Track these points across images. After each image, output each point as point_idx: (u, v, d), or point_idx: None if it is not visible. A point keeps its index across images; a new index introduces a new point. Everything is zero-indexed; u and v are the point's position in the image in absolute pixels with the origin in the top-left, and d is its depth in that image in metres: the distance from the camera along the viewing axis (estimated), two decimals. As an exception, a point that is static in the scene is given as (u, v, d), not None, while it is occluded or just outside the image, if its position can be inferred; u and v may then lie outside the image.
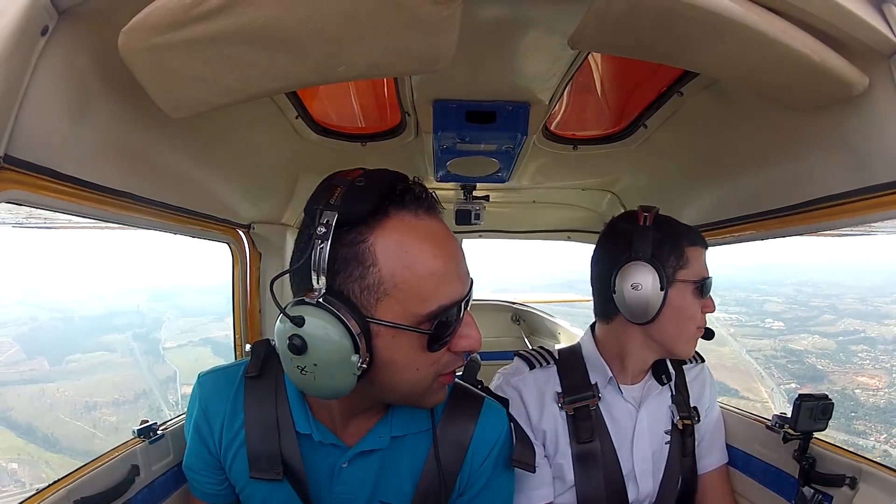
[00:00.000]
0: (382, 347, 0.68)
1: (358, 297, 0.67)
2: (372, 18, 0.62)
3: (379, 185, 0.68)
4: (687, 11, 0.64)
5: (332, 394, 0.70)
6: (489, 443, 0.90)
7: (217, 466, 0.92)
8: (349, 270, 0.67)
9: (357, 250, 0.67)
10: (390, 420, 0.87)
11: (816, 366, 32.55)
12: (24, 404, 30.94)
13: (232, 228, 1.65)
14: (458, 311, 0.71)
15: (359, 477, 0.87)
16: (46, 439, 27.95)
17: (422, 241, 0.69)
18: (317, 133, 1.43)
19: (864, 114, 0.83)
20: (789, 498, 1.18)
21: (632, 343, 1.16)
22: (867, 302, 42.37)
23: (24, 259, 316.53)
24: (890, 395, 27.84)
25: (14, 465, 25.87)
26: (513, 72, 1.09)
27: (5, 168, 0.64)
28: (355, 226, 0.67)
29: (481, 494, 0.91)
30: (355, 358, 0.65)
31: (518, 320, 3.37)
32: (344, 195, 0.67)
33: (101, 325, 45.09)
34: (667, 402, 1.22)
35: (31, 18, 0.61)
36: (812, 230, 1.10)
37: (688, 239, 1.12)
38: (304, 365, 0.66)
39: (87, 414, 30.92)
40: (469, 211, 1.98)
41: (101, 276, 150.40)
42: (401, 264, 0.67)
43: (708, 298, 1.13)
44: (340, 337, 0.64)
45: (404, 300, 0.67)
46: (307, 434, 0.85)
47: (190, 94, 0.75)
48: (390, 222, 0.68)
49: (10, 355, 36.63)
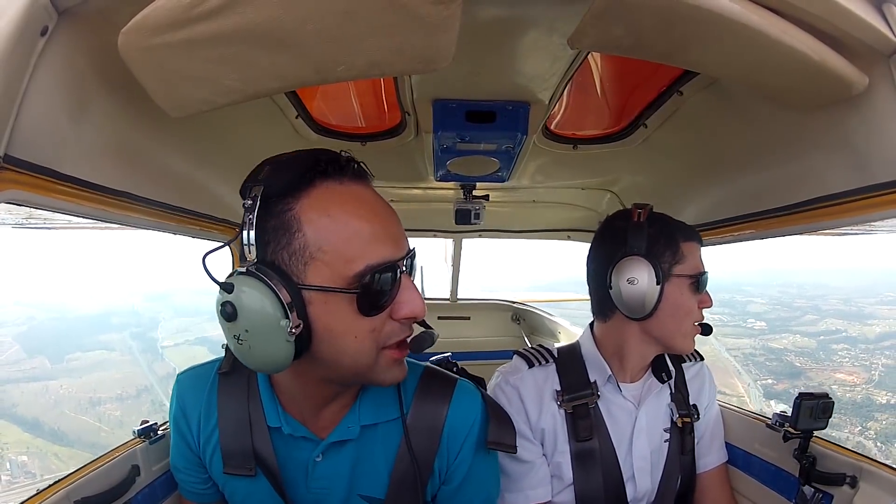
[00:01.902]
0: (318, 314, 0.68)
1: (287, 265, 0.68)
2: (372, 18, 0.62)
3: (303, 159, 0.71)
4: (687, 11, 0.64)
5: (272, 365, 0.70)
6: (464, 426, 0.88)
7: (199, 464, 0.93)
8: (277, 239, 0.68)
9: (283, 219, 0.68)
10: (358, 409, 0.86)
11: (794, 363, 33.20)
12: (28, 401, 31.35)
13: (231, 228, 1.64)
14: (393, 275, 0.71)
15: (334, 470, 0.87)
16: (54, 433, 28.52)
17: (344, 204, 0.70)
18: (317, 133, 1.43)
19: (863, 113, 0.83)
20: (790, 497, 1.18)
21: (630, 340, 1.16)
22: (851, 303, 42.79)
23: (19, 261, 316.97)
24: (867, 390, 28.35)
25: (24, 458, 26.43)
26: (513, 71, 1.09)
27: (5, 168, 0.64)
28: (282, 197, 0.69)
29: (465, 484, 0.90)
30: (284, 322, 0.65)
31: (518, 319, 3.37)
32: (270, 170, 0.71)
33: (99, 325, 45.47)
34: (666, 400, 1.23)
35: (30, 19, 0.61)
36: (812, 230, 1.10)
37: (682, 234, 1.13)
38: (238, 333, 0.67)
39: (92, 409, 31.44)
40: (469, 210, 1.98)
41: (96, 277, 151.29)
42: (324, 227, 0.68)
43: (705, 293, 1.14)
44: (267, 301, 0.65)
45: (331, 262, 0.68)
46: (277, 427, 0.85)
47: (190, 94, 0.75)
48: (315, 191, 0.70)
49: (10, 354, 36.92)
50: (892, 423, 25.77)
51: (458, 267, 3.13)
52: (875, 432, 25.22)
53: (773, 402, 25.22)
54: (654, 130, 1.39)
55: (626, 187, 1.94)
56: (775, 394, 28.14)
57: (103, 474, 1.00)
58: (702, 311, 1.14)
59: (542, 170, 1.75)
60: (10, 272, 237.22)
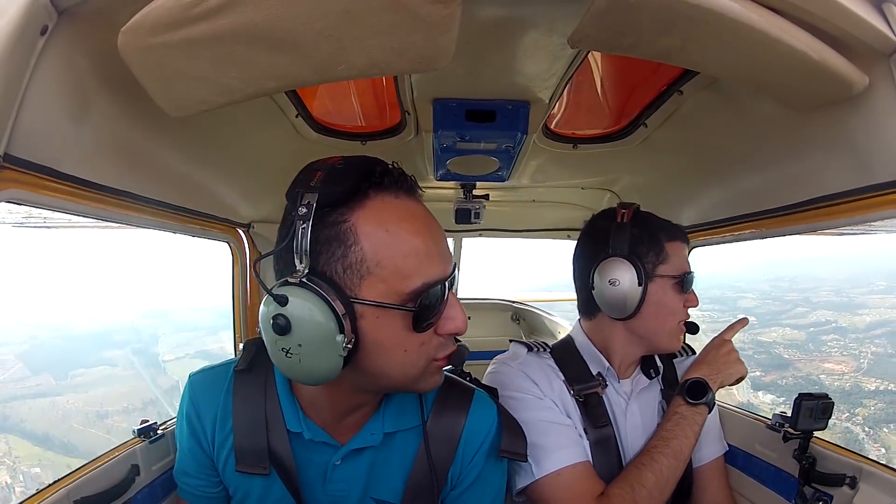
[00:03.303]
0: (368, 328, 0.68)
1: (341, 277, 0.67)
2: (371, 18, 0.62)
3: (358, 168, 0.70)
4: (687, 11, 0.64)
5: (317, 378, 0.69)
6: (480, 435, 0.90)
7: (211, 466, 0.91)
8: (331, 251, 0.67)
9: (338, 230, 0.67)
10: (382, 417, 0.86)
11: (783, 355, 33.63)
12: (36, 416, 32.04)
13: (232, 228, 1.64)
14: (441, 291, 0.71)
15: (351, 474, 0.87)
16: (64, 445, 29.27)
17: (402, 221, 0.69)
18: (317, 132, 1.43)
19: (864, 113, 0.83)
20: (789, 497, 1.18)
21: (615, 339, 1.17)
22: (842, 293, 42.97)
23: (19, 282, 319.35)
24: (855, 378, 28.61)
25: (37, 470, 26.86)
26: (513, 71, 1.09)
27: (5, 167, 0.64)
28: (336, 207, 0.67)
29: (473, 487, 0.91)
30: (340, 338, 0.64)
31: (518, 319, 3.37)
32: (324, 178, 0.68)
33: (100, 342, 46.26)
34: (657, 396, 1.22)
35: (30, 18, 0.61)
36: (812, 229, 1.10)
37: (667, 234, 1.12)
38: (289, 346, 0.65)
39: (100, 422, 32.22)
40: (469, 210, 1.98)
41: (94, 294, 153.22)
42: (382, 242, 0.67)
43: (691, 293, 1.14)
44: (324, 315, 0.64)
45: (387, 278, 0.67)
46: (298, 433, 0.85)
47: (190, 94, 0.75)
48: (370, 202, 0.68)
49: (13, 372, 37.49)
50: (880, 408, 25.87)
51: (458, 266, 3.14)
52: (863, 418, 25.29)
53: (759, 394, 25.28)
54: (654, 130, 1.39)
55: (625, 187, 1.94)
56: (763, 385, 28.36)
57: (103, 474, 1.00)
58: (687, 311, 1.14)
59: (542, 169, 1.75)
60: (10, 293, 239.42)
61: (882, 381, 27.69)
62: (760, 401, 14.76)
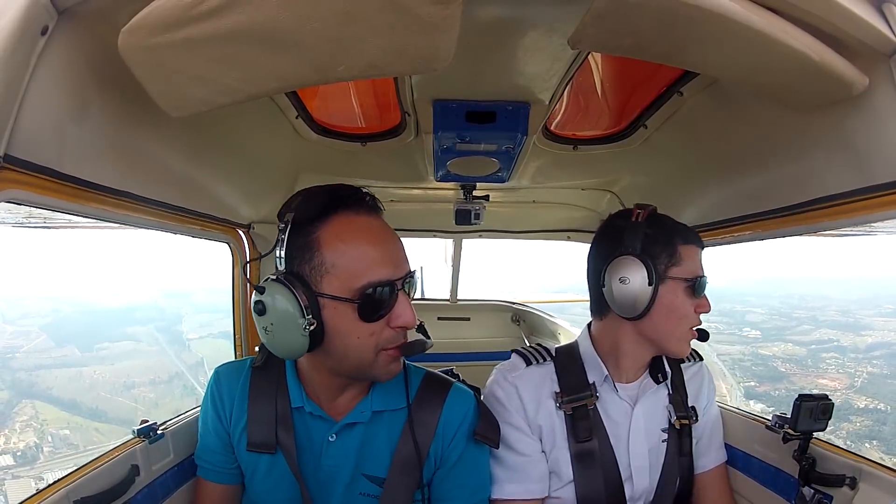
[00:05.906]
0: (328, 317, 0.86)
1: (308, 276, 0.86)
2: (372, 18, 0.62)
3: (330, 193, 0.89)
4: (687, 11, 0.64)
5: (289, 351, 0.88)
6: (458, 417, 1.04)
7: (230, 443, 1.07)
8: (301, 255, 0.87)
9: (307, 241, 0.87)
10: (371, 398, 1.02)
11: (779, 368, 34.19)
12: (63, 385, 32.83)
13: (232, 228, 1.64)
14: (391, 291, 0.88)
15: (343, 451, 1.01)
16: (92, 412, 29.94)
17: (356, 232, 0.88)
18: (317, 133, 1.43)
19: (864, 114, 0.83)
20: (789, 498, 1.18)
21: (624, 340, 1.16)
22: (849, 314, 43.33)
23: (42, 257, 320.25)
24: (846, 395, 28.97)
25: (66, 432, 27.61)
26: (513, 72, 1.09)
27: (5, 167, 0.64)
28: (308, 223, 0.87)
29: (458, 465, 1.04)
30: (301, 321, 0.83)
31: (518, 320, 3.37)
32: (301, 201, 0.89)
33: (123, 319, 47.07)
34: (663, 400, 1.22)
35: (30, 18, 0.61)
36: (812, 230, 1.10)
37: (681, 237, 1.12)
38: (266, 325, 0.86)
39: (127, 392, 33.11)
40: (469, 211, 1.98)
41: (116, 274, 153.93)
42: (338, 249, 0.86)
43: (702, 298, 1.13)
44: (289, 301, 0.83)
45: (341, 276, 0.86)
46: (300, 407, 1.01)
47: (190, 94, 0.75)
48: (334, 219, 0.88)
49: (37, 343, 37.96)
50: (866, 425, 26.21)
51: (458, 267, 3.13)
52: (847, 432, 25.53)
53: (751, 402, 25.60)
54: (654, 131, 1.39)
55: (626, 188, 1.94)
56: (756, 394, 28.88)
57: (103, 474, 1.00)
58: (699, 316, 1.13)
59: (543, 170, 1.75)
60: (34, 268, 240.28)
61: (872, 400, 28.05)
62: (751, 409, 15.17)
